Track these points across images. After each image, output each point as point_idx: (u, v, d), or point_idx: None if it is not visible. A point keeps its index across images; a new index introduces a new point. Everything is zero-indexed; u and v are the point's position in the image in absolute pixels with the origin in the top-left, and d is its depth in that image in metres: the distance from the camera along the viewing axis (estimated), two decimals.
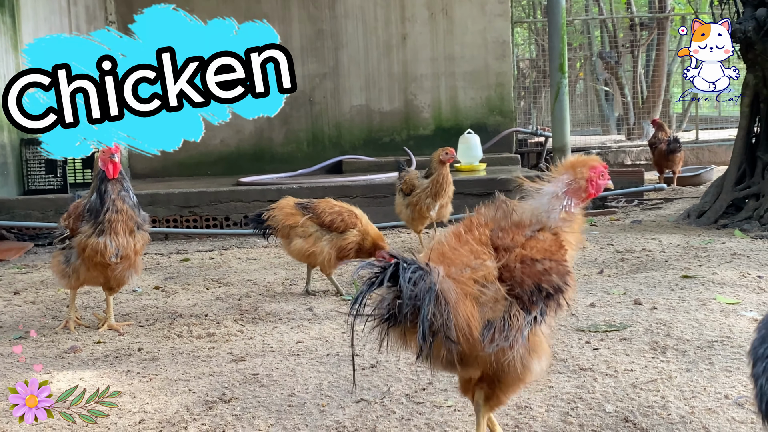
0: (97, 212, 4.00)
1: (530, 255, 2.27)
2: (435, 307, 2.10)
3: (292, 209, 4.84)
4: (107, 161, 3.99)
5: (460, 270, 2.22)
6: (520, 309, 2.21)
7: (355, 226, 4.74)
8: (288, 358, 3.52)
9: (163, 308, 4.67)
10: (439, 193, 5.92)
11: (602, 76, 18.40)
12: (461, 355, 2.18)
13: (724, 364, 3.13)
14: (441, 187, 5.92)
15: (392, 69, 11.15)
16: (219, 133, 11.11)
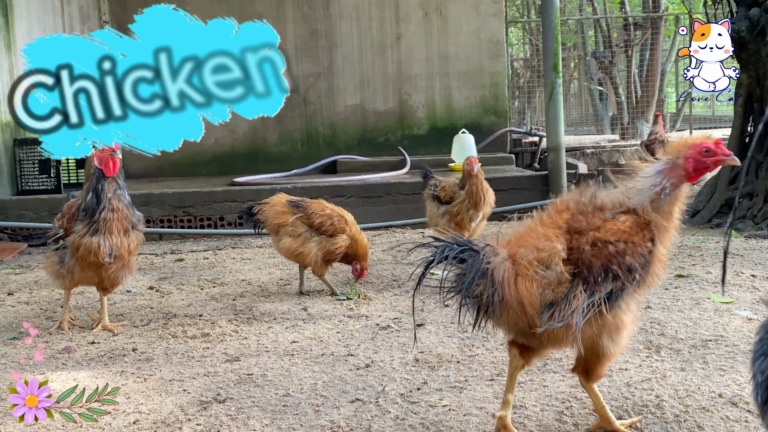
0: (93, 211, 3.98)
1: (603, 237, 2.33)
2: (482, 284, 2.32)
3: (284, 207, 4.83)
4: (107, 159, 3.98)
5: (529, 252, 2.35)
6: (583, 290, 2.29)
7: (344, 231, 4.71)
8: (283, 358, 3.52)
9: (158, 308, 4.66)
10: (479, 203, 5.41)
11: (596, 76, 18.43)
12: (519, 329, 2.38)
13: (718, 363, 3.14)
14: (478, 197, 5.39)
15: (387, 69, 11.16)
16: (213, 133, 11.09)
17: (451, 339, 3.65)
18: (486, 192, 5.47)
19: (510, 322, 2.39)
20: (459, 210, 5.47)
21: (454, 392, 2.95)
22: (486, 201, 5.46)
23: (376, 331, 3.90)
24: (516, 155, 11.29)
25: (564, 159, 8.40)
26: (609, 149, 13.41)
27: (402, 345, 3.61)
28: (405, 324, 4.01)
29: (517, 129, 12.48)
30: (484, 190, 5.44)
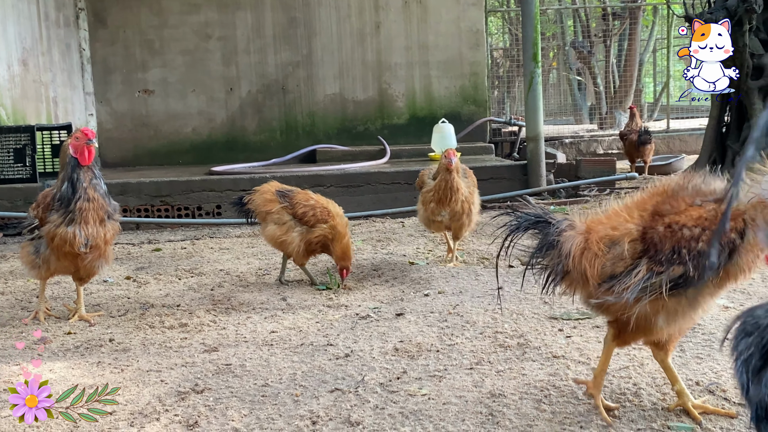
0: (68, 201, 3.93)
1: (681, 221, 2.37)
2: (551, 254, 2.52)
3: (272, 195, 4.87)
4: (82, 147, 3.93)
5: (603, 229, 2.49)
6: (646, 269, 2.36)
7: (326, 222, 4.71)
8: (261, 348, 3.50)
9: (135, 298, 4.62)
10: (443, 201, 5.06)
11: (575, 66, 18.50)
12: (582, 299, 2.58)
13: (695, 351, 3.16)
14: (444, 194, 5.06)
15: (366, 58, 11.12)
16: (191, 122, 11.02)
17: (431, 328, 3.65)
18: (455, 192, 5.06)
19: (573, 291, 2.58)
20: (424, 199, 5.22)
21: (433, 381, 2.95)
22: (454, 200, 5.06)
23: (356, 321, 3.89)
24: (495, 145, 11.31)
25: (543, 149, 8.42)
26: (587, 139, 13.48)
27: (382, 334, 3.60)
28: (385, 313, 4.00)
29: (497, 119, 12.50)
30: (453, 189, 5.05)
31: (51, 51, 9.84)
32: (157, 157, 10.78)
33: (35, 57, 9.39)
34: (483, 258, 5.39)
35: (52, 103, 9.78)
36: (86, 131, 3.98)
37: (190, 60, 10.97)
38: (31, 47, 9.28)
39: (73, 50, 10.57)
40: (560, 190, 8.49)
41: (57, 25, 10.08)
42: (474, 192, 5.28)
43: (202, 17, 10.92)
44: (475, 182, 5.36)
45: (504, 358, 3.18)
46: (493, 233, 2.94)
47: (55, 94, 9.88)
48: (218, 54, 10.98)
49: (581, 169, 9.25)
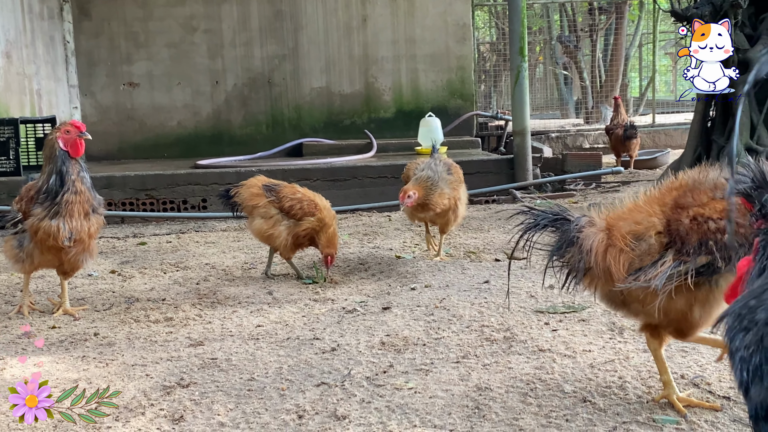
0: (56, 193, 3.89)
1: (706, 213, 2.40)
2: (571, 251, 2.53)
3: (258, 190, 4.85)
4: (74, 140, 3.90)
5: (626, 225, 2.51)
6: (672, 259, 2.39)
7: (313, 215, 4.70)
8: (247, 342, 3.49)
9: (120, 292, 4.59)
10: (424, 210, 5.02)
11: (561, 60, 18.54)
12: (603, 295, 2.58)
13: (680, 344, 3.17)
14: (424, 207, 5.00)
15: (353, 51, 11.09)
16: (176, 115, 10.95)
17: (417, 322, 3.65)
18: (434, 207, 4.96)
19: (594, 288, 2.58)
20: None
21: (419, 375, 2.95)
22: (434, 209, 4.97)
23: (342, 315, 3.89)
24: (482, 139, 11.32)
25: (529, 143, 8.44)
26: (573, 133, 13.52)
27: (368, 328, 3.60)
28: (371, 307, 4.00)
29: (484, 113, 12.51)
30: (431, 206, 4.96)
31: (35, 43, 9.75)
32: (142, 150, 10.72)
33: (19, 49, 9.30)
34: (470, 252, 5.39)
35: (36, 96, 9.70)
36: (77, 124, 3.97)
37: (176, 53, 10.90)
38: (14, 39, 9.19)
39: (58, 42, 10.48)
40: (546, 184, 8.50)
41: (41, 17, 9.99)
42: (460, 187, 5.21)
43: (187, 10, 10.86)
44: (461, 177, 5.29)
45: (490, 351, 3.18)
46: (510, 230, 2.95)
47: (39, 86, 9.80)
48: (204, 47, 10.92)
49: (567, 164, 9.28)
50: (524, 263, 4.87)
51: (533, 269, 4.63)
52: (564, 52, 17.79)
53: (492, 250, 5.42)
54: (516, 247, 2.71)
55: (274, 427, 2.54)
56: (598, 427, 2.42)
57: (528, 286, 4.18)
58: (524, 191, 8.24)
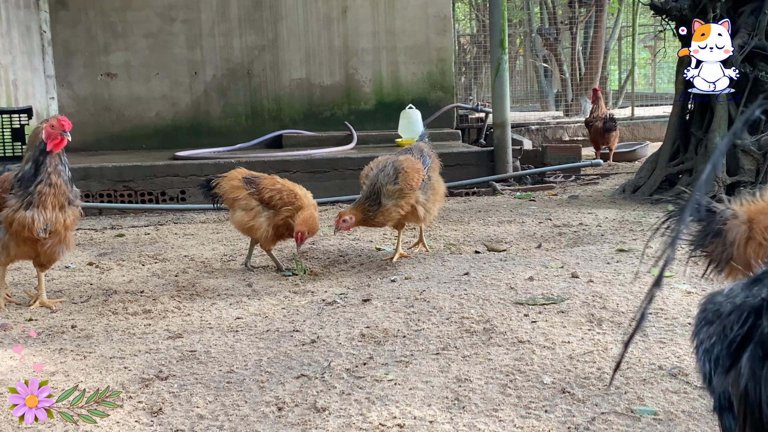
0: (28, 182, 3.86)
1: None
2: (715, 242, 2.60)
3: (239, 182, 4.84)
4: (56, 136, 3.86)
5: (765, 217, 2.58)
6: None
7: (293, 204, 4.70)
8: (226, 335, 3.47)
9: (97, 285, 4.56)
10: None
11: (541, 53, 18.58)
12: None
13: (658, 335, 3.20)
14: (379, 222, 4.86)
15: (333, 42, 11.04)
16: (154, 106, 10.86)
17: (397, 314, 3.64)
18: (388, 221, 4.81)
19: (733, 278, 2.63)
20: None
21: (399, 366, 2.95)
22: (390, 220, 4.80)
23: (322, 307, 3.88)
24: (462, 131, 11.33)
25: (510, 135, 8.46)
26: (553, 126, 13.56)
27: (348, 320, 3.59)
28: (351, 299, 3.99)
29: (464, 105, 12.52)
30: (383, 222, 4.83)
31: (10, 33, 9.62)
32: (120, 141, 10.62)
33: None
34: (450, 244, 5.40)
35: (12, 86, 9.57)
36: (63, 121, 3.91)
37: (154, 43, 10.80)
38: None
39: (34, 32, 10.35)
40: (526, 176, 8.53)
41: (17, 6, 9.86)
42: (436, 178, 5.06)
43: (165, 0, 10.76)
44: (437, 166, 5.13)
45: (470, 343, 3.19)
46: (654, 223, 2.96)
47: (15, 77, 9.67)
48: (182, 37, 10.83)
49: (547, 156, 9.31)
50: (504, 255, 4.90)
51: (513, 261, 4.65)
52: (544, 44, 17.84)
53: (472, 242, 5.43)
54: (658, 231, 2.79)
55: (253, 419, 2.53)
56: (577, 418, 2.44)
57: (508, 278, 4.19)
58: (504, 183, 8.26)
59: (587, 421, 2.41)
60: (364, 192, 4.78)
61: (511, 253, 5.04)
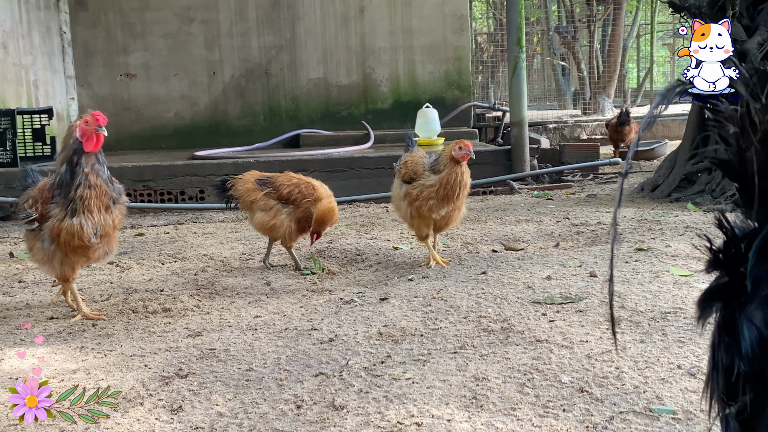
0: (67, 187, 3.66)
1: None
2: None
3: (253, 185, 4.85)
4: (91, 133, 3.65)
5: None
6: None
7: (312, 196, 4.73)
8: (245, 333, 3.49)
9: (118, 283, 4.60)
10: (450, 198, 4.54)
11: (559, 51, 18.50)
12: None
13: (677, 335, 3.18)
14: (452, 190, 4.52)
15: (350, 42, 11.06)
16: (174, 106, 10.93)
17: (415, 313, 3.65)
18: (463, 188, 4.59)
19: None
20: (419, 195, 4.58)
21: (417, 365, 2.96)
22: (459, 197, 4.59)
23: (340, 305, 3.89)
24: (479, 130, 11.32)
25: (527, 134, 8.44)
26: (571, 124, 13.52)
27: (366, 319, 3.60)
28: (369, 298, 4.01)
29: (481, 104, 12.51)
30: (463, 184, 4.57)
31: (31, 34, 9.72)
32: (139, 141, 10.70)
33: (15, 40, 9.27)
34: (467, 243, 5.40)
35: (33, 87, 9.67)
36: (98, 116, 3.70)
37: (173, 43, 10.87)
38: (10, 30, 9.16)
39: (54, 33, 10.45)
40: (544, 175, 8.51)
41: (37, 7, 9.96)
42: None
43: (184, 0, 10.82)
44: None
45: (488, 342, 3.19)
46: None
47: (36, 77, 9.77)
48: (201, 37, 10.90)
49: (565, 155, 9.28)
50: (521, 254, 4.90)
51: (531, 260, 4.65)
52: (562, 42, 17.77)
53: (489, 241, 5.43)
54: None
55: (272, 416, 2.54)
56: (595, 417, 2.43)
57: (525, 277, 4.19)
58: (521, 182, 8.24)
59: (605, 420, 2.41)
60: (427, 165, 4.67)
61: (528, 252, 5.04)
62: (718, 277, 1.15)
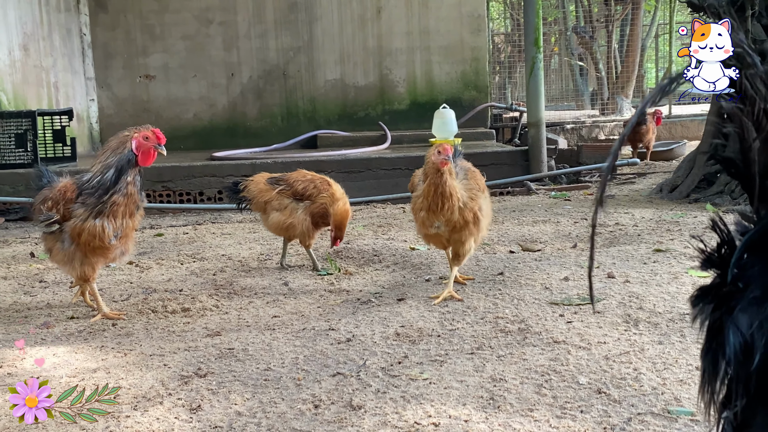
0: (106, 190, 3.71)
1: None
2: None
3: (265, 185, 4.86)
4: (149, 149, 3.75)
5: None
6: None
7: (327, 191, 4.74)
8: (264, 333, 3.52)
9: (137, 283, 4.64)
10: (435, 210, 3.85)
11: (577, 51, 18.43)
12: None
13: (695, 336, 3.17)
14: (435, 202, 3.84)
15: (367, 43, 11.09)
16: (192, 108, 11.00)
17: (432, 313, 3.66)
18: (447, 198, 3.82)
19: None
20: (413, 206, 4.07)
21: (434, 365, 2.96)
22: (450, 209, 3.84)
23: (357, 306, 3.91)
24: (496, 130, 11.31)
25: (544, 134, 8.42)
26: (589, 125, 13.46)
27: (383, 319, 3.62)
28: (386, 298, 4.02)
29: (498, 104, 12.48)
30: (446, 194, 3.82)
31: (52, 36, 9.81)
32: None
33: (36, 42, 9.37)
34: (483, 244, 5.40)
35: (53, 88, 9.76)
36: (159, 134, 3.79)
37: (191, 45, 10.94)
38: (31, 32, 9.26)
39: (74, 35, 10.55)
40: (561, 176, 8.49)
41: (57, 9, 10.05)
42: (479, 196, 3.99)
43: (202, 2, 10.89)
44: (481, 185, 4.06)
45: (505, 343, 3.20)
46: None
47: (56, 79, 9.87)
48: (219, 39, 10.96)
49: (583, 155, 9.25)
50: (538, 255, 4.89)
51: (548, 261, 4.64)
52: (579, 42, 17.70)
53: (506, 241, 5.43)
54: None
55: (290, 416, 2.56)
56: (613, 418, 2.43)
57: (543, 278, 4.19)
58: (539, 183, 8.22)
59: (623, 422, 2.41)
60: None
61: (545, 252, 5.03)
62: (714, 278, 1.15)
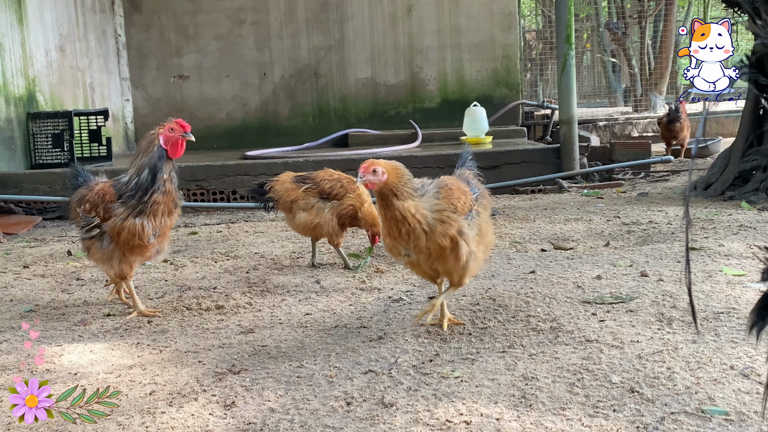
0: (145, 190, 3.75)
1: None
2: None
3: (291, 184, 4.84)
4: (177, 140, 3.78)
5: None
6: None
7: (354, 191, 4.72)
8: (296, 330, 3.55)
9: (172, 281, 4.70)
10: (395, 237, 3.15)
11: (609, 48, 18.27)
12: None
13: (729, 335, 3.14)
14: (389, 226, 3.14)
15: (398, 41, 11.10)
16: (225, 107, 11.10)
17: (463, 311, 3.67)
18: (404, 221, 3.06)
19: None
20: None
21: (466, 364, 2.97)
22: (408, 233, 3.08)
23: (389, 304, 3.93)
24: (528, 128, 11.25)
25: (576, 132, 8.36)
26: (622, 122, 13.34)
27: (414, 317, 3.63)
28: (417, 296, 4.03)
29: (529, 102, 12.43)
30: (400, 217, 3.07)
31: (87, 37, 9.96)
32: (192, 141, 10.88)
33: (72, 43, 9.52)
34: (515, 242, 5.38)
35: (89, 89, 9.92)
36: (183, 123, 3.82)
37: (224, 45, 11.04)
38: (67, 33, 9.41)
39: (109, 36, 10.70)
40: (594, 173, 8.43)
41: (93, 11, 10.20)
42: (454, 219, 3.14)
43: (235, 2, 10.98)
44: (459, 206, 3.17)
45: (536, 341, 3.19)
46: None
47: (92, 79, 10.02)
48: (251, 39, 11.04)
49: (615, 153, 9.18)
50: (570, 253, 4.87)
51: (580, 259, 4.62)
52: (612, 39, 17.54)
53: (538, 240, 5.41)
54: None
55: (323, 413, 2.59)
56: (646, 417, 2.42)
57: (575, 277, 4.17)
58: (571, 181, 8.17)
59: (656, 421, 2.39)
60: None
61: (578, 251, 5.01)
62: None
